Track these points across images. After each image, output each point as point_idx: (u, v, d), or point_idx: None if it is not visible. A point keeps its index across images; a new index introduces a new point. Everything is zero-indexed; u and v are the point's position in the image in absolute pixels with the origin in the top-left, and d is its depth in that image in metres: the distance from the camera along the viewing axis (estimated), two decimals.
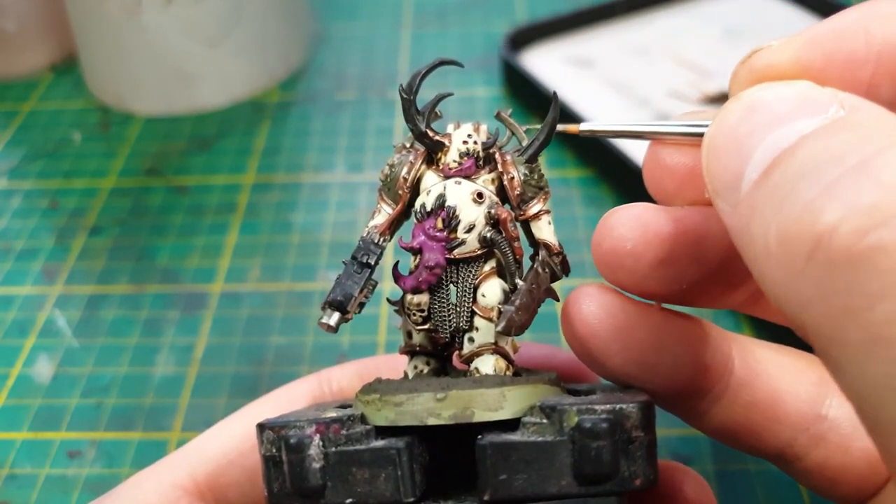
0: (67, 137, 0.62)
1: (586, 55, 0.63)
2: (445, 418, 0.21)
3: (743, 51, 0.21)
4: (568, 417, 0.20)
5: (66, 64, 0.69)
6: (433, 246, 0.24)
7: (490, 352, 0.24)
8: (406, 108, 0.25)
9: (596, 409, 0.21)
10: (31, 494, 0.39)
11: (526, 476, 0.20)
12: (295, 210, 0.54)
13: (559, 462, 0.20)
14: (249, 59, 0.63)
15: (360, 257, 0.25)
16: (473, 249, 0.24)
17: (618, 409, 0.21)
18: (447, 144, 0.25)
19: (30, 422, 0.42)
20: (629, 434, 0.21)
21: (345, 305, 0.24)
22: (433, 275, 0.24)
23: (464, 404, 0.21)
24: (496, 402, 0.22)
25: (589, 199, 0.53)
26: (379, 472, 0.21)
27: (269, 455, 0.22)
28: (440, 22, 0.71)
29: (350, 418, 0.22)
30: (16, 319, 0.48)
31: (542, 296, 0.24)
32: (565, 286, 0.26)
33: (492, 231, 0.24)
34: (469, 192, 0.24)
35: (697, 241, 0.22)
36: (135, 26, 0.59)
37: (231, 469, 0.26)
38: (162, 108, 0.63)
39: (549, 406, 0.21)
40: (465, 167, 0.24)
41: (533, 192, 0.25)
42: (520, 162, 0.25)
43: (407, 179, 0.25)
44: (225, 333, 0.46)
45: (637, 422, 0.21)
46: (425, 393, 0.22)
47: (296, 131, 0.61)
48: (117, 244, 0.52)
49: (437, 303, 0.25)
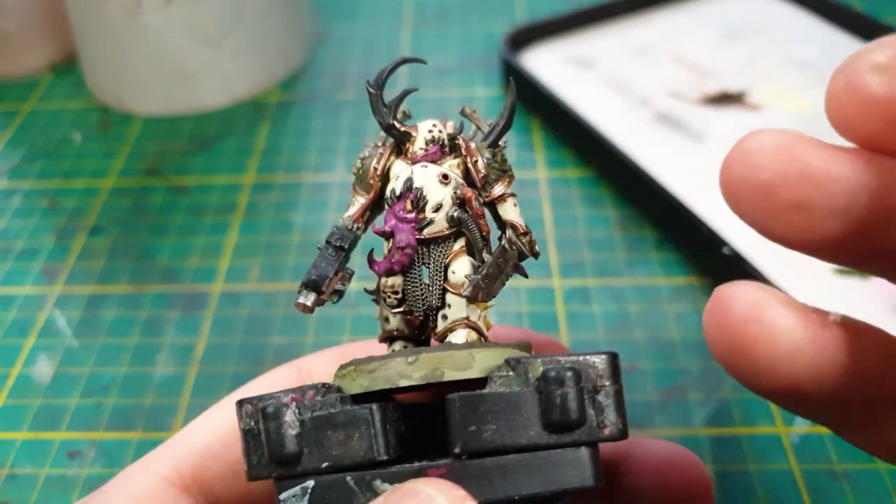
0: (67, 137, 0.62)
1: (586, 55, 0.63)
2: (416, 379, 0.22)
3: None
4: (533, 368, 0.21)
5: (66, 64, 0.69)
6: (403, 227, 0.25)
7: (462, 326, 0.25)
8: (373, 102, 0.26)
9: (560, 360, 0.21)
10: (31, 494, 0.39)
11: (494, 427, 0.21)
12: (295, 210, 0.54)
13: (527, 412, 0.21)
14: (249, 59, 0.63)
15: (335, 241, 0.25)
16: (442, 229, 0.25)
17: (581, 359, 0.21)
18: (414, 135, 0.26)
19: (30, 422, 0.42)
20: (594, 383, 0.21)
21: (319, 285, 0.25)
22: (405, 255, 0.25)
23: (433, 365, 0.22)
24: (465, 363, 0.22)
25: (589, 199, 0.53)
26: (353, 432, 0.21)
27: (247, 429, 0.22)
28: (440, 22, 0.71)
29: (325, 386, 0.23)
30: (16, 319, 0.48)
31: (510, 270, 0.25)
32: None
33: (458, 210, 0.25)
34: (435, 173, 0.25)
35: (851, 195, 0.19)
36: (135, 26, 0.59)
37: (215, 462, 0.26)
38: (162, 108, 0.63)
39: (515, 359, 0.22)
40: (432, 153, 0.26)
41: (497, 175, 0.26)
42: (483, 147, 0.26)
43: (377, 169, 0.26)
44: (225, 333, 0.46)
45: (602, 371, 0.21)
46: (397, 359, 0.23)
47: (296, 131, 0.61)
48: (117, 244, 0.52)
49: (410, 284, 0.25)
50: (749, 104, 0.58)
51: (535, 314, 0.46)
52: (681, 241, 0.49)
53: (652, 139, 0.55)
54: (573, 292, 0.47)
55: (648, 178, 0.50)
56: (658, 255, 0.49)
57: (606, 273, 0.48)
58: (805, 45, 0.62)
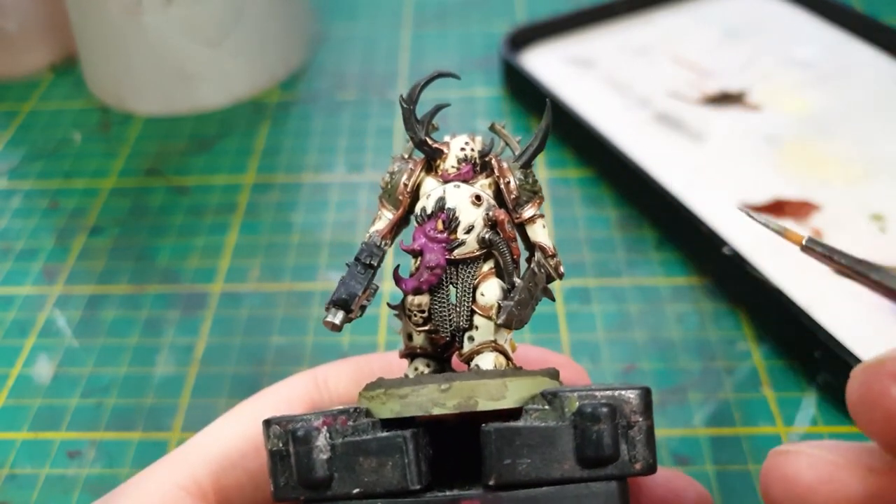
0: (67, 137, 0.62)
1: (586, 55, 0.63)
2: (450, 407, 0.22)
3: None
4: (569, 403, 0.21)
5: (66, 64, 0.69)
6: (433, 247, 0.25)
7: (490, 349, 0.25)
8: (406, 117, 0.26)
9: (596, 395, 0.21)
10: (31, 494, 0.39)
11: (529, 461, 0.21)
12: (295, 210, 0.54)
13: (562, 446, 0.21)
14: (249, 59, 0.63)
15: (364, 258, 0.25)
16: (473, 250, 0.25)
17: (617, 394, 0.21)
18: (445, 152, 0.26)
19: (30, 422, 0.42)
20: (628, 419, 0.21)
21: (349, 304, 0.25)
22: (434, 275, 0.25)
23: (467, 394, 0.22)
24: (499, 392, 0.22)
25: (589, 199, 0.53)
26: (386, 460, 0.21)
27: (275, 450, 0.22)
28: (440, 22, 0.71)
29: (356, 410, 0.22)
30: (16, 319, 0.48)
31: (539, 294, 0.25)
32: None
33: (490, 232, 0.25)
34: (468, 194, 0.25)
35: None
36: (135, 26, 0.59)
37: (233, 471, 0.26)
38: (162, 108, 0.63)
39: (551, 393, 0.22)
40: (464, 172, 0.25)
41: (528, 196, 0.25)
42: (515, 167, 0.26)
43: (407, 185, 0.26)
44: (225, 333, 0.46)
45: (636, 407, 0.21)
46: (429, 385, 0.22)
47: (296, 131, 0.61)
48: (117, 244, 0.52)
49: (437, 303, 0.25)
50: (749, 104, 0.57)
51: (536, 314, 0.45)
52: (681, 241, 0.49)
53: (652, 139, 0.55)
54: (573, 292, 0.47)
55: (648, 178, 0.50)
56: (658, 255, 0.49)
57: (606, 273, 0.48)
58: (805, 45, 0.62)
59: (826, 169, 0.52)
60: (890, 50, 0.60)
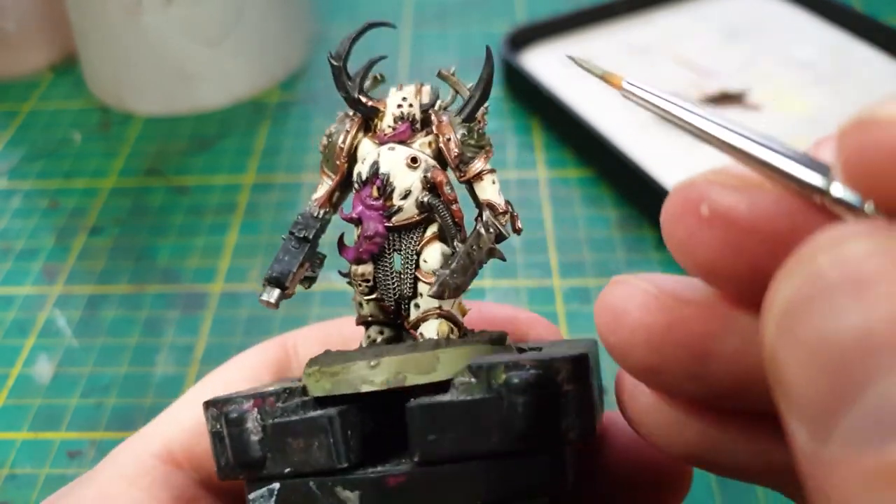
0: (67, 137, 0.62)
1: (586, 55, 0.63)
2: (378, 384, 0.21)
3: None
4: (496, 374, 0.20)
5: (66, 64, 0.69)
6: (371, 215, 0.24)
7: (434, 316, 0.24)
8: (336, 74, 0.25)
9: (524, 364, 0.20)
10: (31, 494, 0.39)
11: (455, 435, 0.20)
12: (295, 210, 0.54)
13: (489, 420, 0.20)
14: (249, 59, 0.63)
15: (298, 232, 0.24)
16: (412, 216, 0.24)
17: (546, 362, 0.20)
18: (381, 110, 0.25)
19: (30, 422, 0.42)
20: (559, 388, 0.20)
21: (282, 281, 0.24)
22: (374, 244, 0.24)
23: (396, 369, 0.21)
24: (429, 365, 0.21)
25: (589, 199, 0.53)
26: (312, 440, 0.21)
27: (214, 431, 0.22)
28: (440, 22, 0.71)
29: (287, 391, 0.22)
30: (16, 319, 0.48)
31: (484, 257, 0.23)
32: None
33: (429, 195, 0.24)
34: (403, 157, 0.24)
35: (700, 356, 0.18)
36: (135, 26, 0.59)
37: (204, 438, 0.26)
38: (162, 108, 0.63)
39: (477, 364, 0.21)
40: (399, 132, 0.24)
41: (473, 153, 0.24)
42: (456, 122, 0.24)
43: (343, 148, 0.25)
44: (225, 333, 0.46)
45: (568, 374, 0.20)
46: (359, 361, 0.22)
47: (296, 131, 0.61)
48: (117, 244, 0.52)
49: (381, 272, 0.24)
50: (749, 104, 0.57)
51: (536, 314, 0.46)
52: None
53: (652, 139, 0.55)
54: (573, 292, 0.47)
55: (648, 178, 0.50)
56: (658, 255, 0.49)
57: (606, 273, 0.48)
58: (805, 45, 0.62)
59: None
60: (890, 50, 0.60)
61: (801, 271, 0.13)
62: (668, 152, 0.54)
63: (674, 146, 0.54)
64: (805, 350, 0.13)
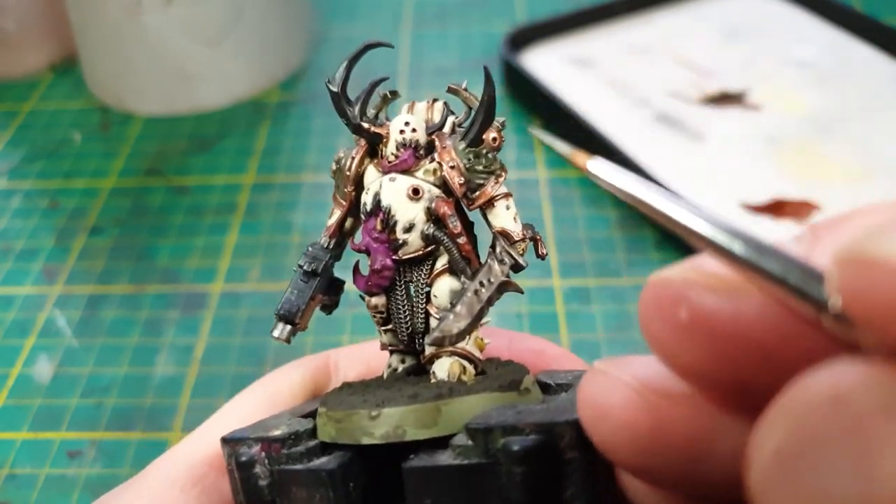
0: (67, 137, 0.62)
1: (586, 55, 0.63)
2: (378, 437, 0.20)
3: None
4: (493, 439, 0.19)
5: (66, 64, 0.69)
6: (378, 248, 0.22)
7: (448, 353, 0.22)
8: (335, 100, 0.23)
9: (523, 428, 0.18)
10: (31, 494, 0.39)
11: (451, 500, 0.19)
12: (295, 210, 0.54)
13: (485, 487, 0.19)
14: (249, 59, 0.63)
15: (307, 266, 0.24)
16: (418, 249, 0.22)
17: (548, 426, 0.18)
18: (384, 135, 0.23)
19: (30, 422, 0.42)
20: (562, 455, 0.18)
21: (292, 319, 0.24)
22: (382, 277, 0.23)
23: (395, 423, 0.20)
24: (430, 419, 0.20)
25: (589, 199, 0.53)
26: (314, 492, 0.21)
27: (229, 468, 0.22)
28: (440, 22, 0.71)
29: (293, 436, 0.22)
30: (16, 319, 0.48)
31: (495, 293, 0.22)
32: None
33: (433, 228, 0.22)
34: (404, 188, 0.22)
35: (691, 458, 0.16)
36: (135, 26, 0.59)
37: None
38: (162, 108, 0.63)
39: (475, 427, 0.19)
40: (402, 160, 0.23)
41: (482, 179, 0.22)
42: (461, 147, 0.22)
43: (349, 176, 0.23)
44: (225, 333, 0.46)
45: (571, 441, 0.18)
46: (361, 411, 0.21)
47: (296, 131, 0.61)
48: (117, 244, 0.52)
49: (393, 304, 0.23)
50: (749, 104, 0.57)
51: (535, 314, 0.46)
52: (681, 241, 0.49)
53: (652, 139, 0.55)
54: (573, 292, 0.47)
55: (648, 178, 0.50)
56: (658, 255, 0.49)
57: (606, 273, 0.48)
58: (805, 45, 0.62)
59: (826, 169, 0.52)
60: (890, 50, 0.60)
61: (794, 413, 0.12)
62: (668, 152, 0.54)
63: (674, 146, 0.54)
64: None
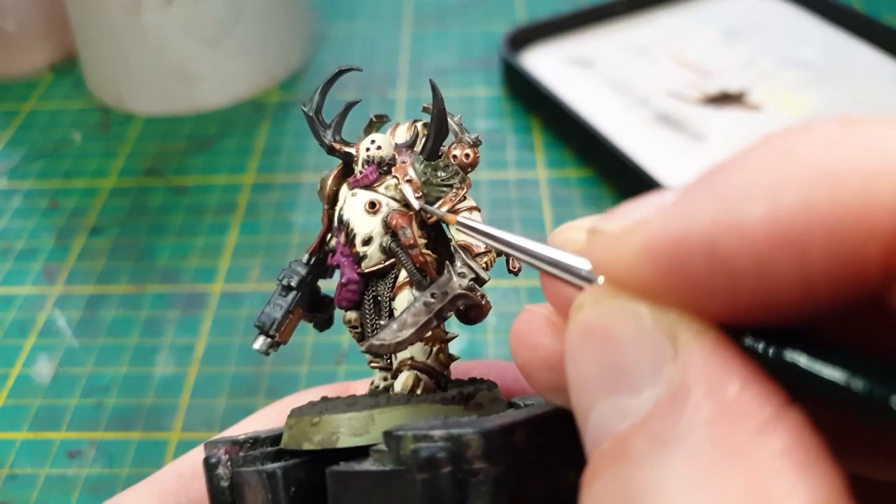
0: (67, 137, 0.62)
1: (586, 55, 0.63)
2: (315, 444, 0.21)
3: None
4: (404, 445, 0.18)
5: (66, 64, 0.69)
6: (345, 262, 0.23)
7: (406, 367, 0.23)
8: (310, 123, 0.25)
9: (433, 435, 0.18)
10: (31, 494, 0.39)
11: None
12: (295, 210, 0.54)
13: (397, 493, 0.18)
14: (249, 59, 0.63)
15: (283, 280, 0.25)
16: (378, 261, 0.23)
17: (455, 435, 0.18)
18: (354, 154, 0.24)
19: (30, 422, 0.42)
20: (470, 465, 0.18)
21: (267, 330, 0.24)
22: (349, 291, 0.23)
23: (332, 430, 0.21)
24: (363, 427, 0.21)
25: (589, 199, 0.53)
26: (258, 494, 0.21)
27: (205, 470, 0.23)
28: (440, 22, 0.71)
29: (252, 440, 0.22)
30: (16, 319, 0.48)
31: (447, 305, 0.22)
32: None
33: (391, 239, 0.23)
34: (363, 202, 0.23)
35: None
36: (135, 26, 0.59)
37: None
38: (162, 108, 0.63)
39: (387, 433, 0.19)
40: (364, 176, 0.23)
41: (439, 193, 0.23)
42: (417, 162, 0.23)
43: (326, 195, 0.25)
44: (225, 333, 0.46)
45: (479, 451, 0.18)
46: (306, 417, 0.22)
47: (296, 131, 0.61)
48: (117, 244, 0.52)
49: (364, 318, 0.24)
50: (749, 104, 0.57)
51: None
52: None
53: (652, 139, 0.55)
54: None
55: (648, 178, 0.50)
56: None
57: None
58: (805, 45, 0.62)
59: None
60: (889, 50, 0.60)
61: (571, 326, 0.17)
62: (668, 152, 0.54)
63: (674, 146, 0.54)
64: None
